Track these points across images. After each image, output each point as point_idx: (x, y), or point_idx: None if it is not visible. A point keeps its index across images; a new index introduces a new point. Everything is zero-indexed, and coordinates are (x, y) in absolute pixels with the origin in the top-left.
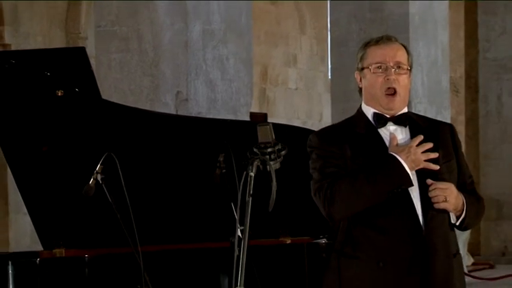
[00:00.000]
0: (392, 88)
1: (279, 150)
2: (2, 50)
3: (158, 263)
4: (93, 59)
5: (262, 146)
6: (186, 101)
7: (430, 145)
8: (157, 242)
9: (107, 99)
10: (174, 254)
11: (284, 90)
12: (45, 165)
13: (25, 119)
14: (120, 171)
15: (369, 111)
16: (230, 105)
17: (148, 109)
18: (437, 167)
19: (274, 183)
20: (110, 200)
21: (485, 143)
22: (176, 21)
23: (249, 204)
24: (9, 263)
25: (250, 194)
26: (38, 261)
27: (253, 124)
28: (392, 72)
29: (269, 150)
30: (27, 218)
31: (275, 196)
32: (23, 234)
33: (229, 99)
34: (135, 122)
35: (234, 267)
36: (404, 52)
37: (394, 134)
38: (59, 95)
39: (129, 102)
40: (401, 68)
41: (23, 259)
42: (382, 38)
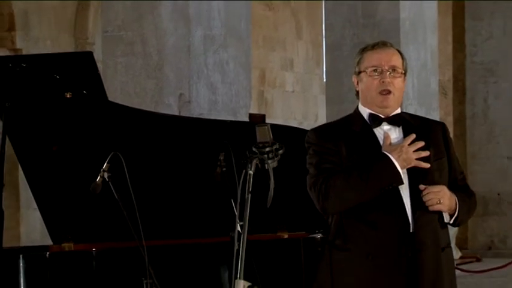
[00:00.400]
0: (387, 89)
1: (277, 150)
2: (13, 54)
3: (162, 256)
4: (100, 62)
5: (261, 145)
6: (188, 103)
7: (421, 144)
8: (161, 237)
9: (113, 101)
10: (177, 248)
11: (281, 92)
12: (54, 163)
13: (35, 119)
14: (125, 170)
15: (365, 112)
16: (230, 107)
17: (153, 110)
18: (427, 165)
19: (272, 181)
20: (116, 197)
21: (472, 143)
22: (179, 26)
23: (248, 200)
24: (20, 256)
25: (249, 191)
26: (47, 255)
27: (252, 125)
28: (387, 75)
29: (267, 149)
30: (38, 214)
31: (273, 193)
32: (34, 229)
33: (229, 101)
34: (140, 122)
35: (234, 261)
36: (399, 57)
37: (387, 133)
38: (68, 97)
39: (135, 104)
40: (396, 72)
41: (33, 253)
42: (378, 43)
